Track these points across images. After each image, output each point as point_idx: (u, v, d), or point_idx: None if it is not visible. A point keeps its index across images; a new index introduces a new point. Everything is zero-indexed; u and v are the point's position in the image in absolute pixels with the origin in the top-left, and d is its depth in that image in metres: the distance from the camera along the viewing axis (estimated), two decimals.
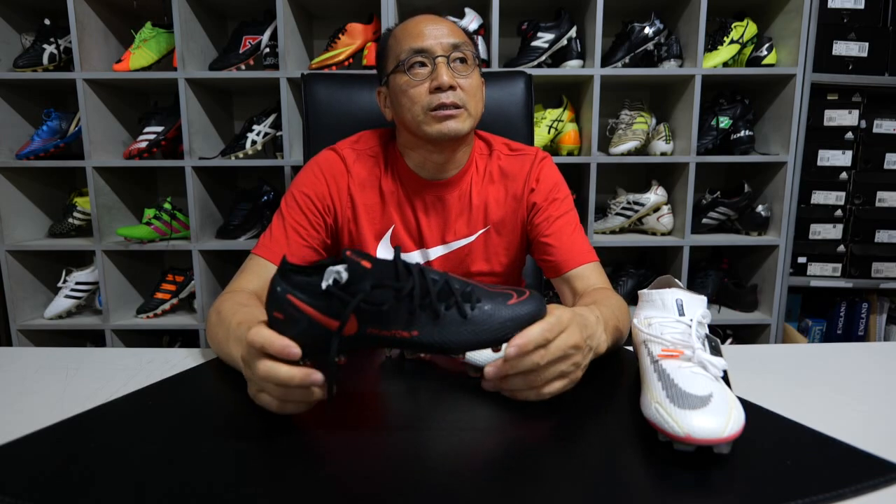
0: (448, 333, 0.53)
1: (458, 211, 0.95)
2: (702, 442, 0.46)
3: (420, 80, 0.85)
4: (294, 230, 0.89)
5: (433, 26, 0.86)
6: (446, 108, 0.84)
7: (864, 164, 1.81)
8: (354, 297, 0.50)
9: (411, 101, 0.85)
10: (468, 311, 0.54)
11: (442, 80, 0.83)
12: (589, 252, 0.92)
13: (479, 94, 0.89)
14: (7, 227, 1.79)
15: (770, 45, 1.76)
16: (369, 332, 0.52)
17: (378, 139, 0.97)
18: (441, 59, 0.84)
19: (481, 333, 0.54)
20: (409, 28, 0.87)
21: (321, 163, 0.94)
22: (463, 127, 0.85)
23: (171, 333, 2.04)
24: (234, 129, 2.04)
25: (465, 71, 0.86)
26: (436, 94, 0.84)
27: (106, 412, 0.59)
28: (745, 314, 1.88)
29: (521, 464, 0.48)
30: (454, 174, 0.94)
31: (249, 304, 0.77)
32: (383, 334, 0.52)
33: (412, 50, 0.84)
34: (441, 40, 0.85)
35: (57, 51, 1.74)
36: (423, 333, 0.53)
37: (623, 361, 0.73)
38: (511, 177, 0.95)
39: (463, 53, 0.85)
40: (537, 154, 0.97)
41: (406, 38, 0.86)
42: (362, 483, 0.45)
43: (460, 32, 0.89)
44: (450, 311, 0.53)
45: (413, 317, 0.52)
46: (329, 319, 0.50)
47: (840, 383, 0.68)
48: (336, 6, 1.85)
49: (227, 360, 0.70)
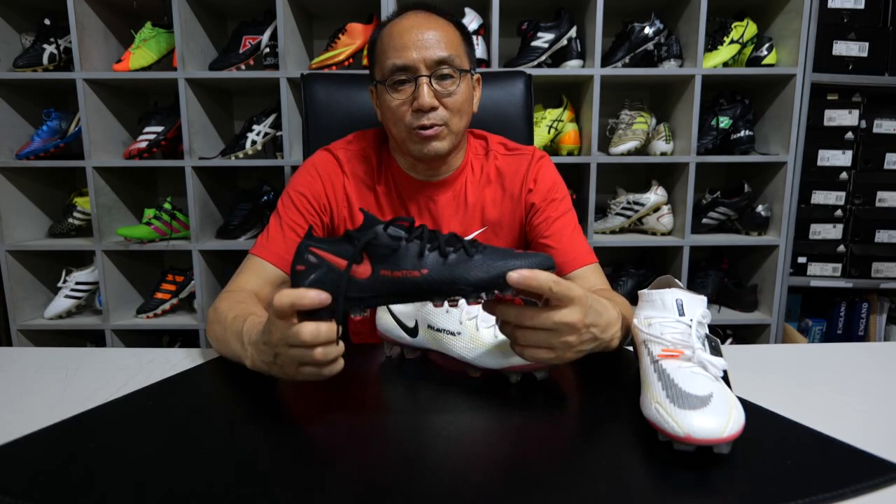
0: (458, 270, 0.54)
1: (452, 211, 0.95)
2: (702, 442, 0.46)
3: (402, 98, 0.83)
4: (291, 229, 0.89)
5: (420, 35, 0.82)
6: (427, 129, 0.83)
7: (864, 164, 1.81)
8: (367, 235, 0.54)
9: (395, 117, 0.85)
10: (474, 253, 0.55)
11: (422, 101, 0.81)
12: (588, 253, 0.92)
13: (466, 106, 0.87)
14: (7, 227, 1.79)
15: (770, 45, 1.76)
16: (382, 273, 0.54)
17: (370, 140, 0.97)
18: (423, 80, 0.81)
19: (492, 269, 0.54)
20: (396, 34, 0.83)
21: (316, 163, 0.94)
22: (444, 146, 0.86)
23: (171, 333, 2.04)
24: (234, 129, 2.04)
25: (450, 86, 0.84)
26: (417, 114, 0.83)
27: (106, 412, 0.59)
28: (745, 314, 1.88)
29: (521, 463, 0.48)
30: (448, 175, 0.94)
31: (246, 302, 0.78)
32: (395, 275, 0.54)
33: (394, 67, 0.82)
34: (425, 55, 0.81)
35: (57, 51, 1.74)
36: (433, 271, 0.54)
37: (623, 361, 0.73)
38: (508, 177, 0.95)
39: (448, 69, 0.83)
40: (535, 153, 0.96)
41: (391, 49, 0.83)
42: (362, 483, 0.45)
43: (450, 38, 0.84)
44: (457, 252, 0.55)
45: (422, 257, 0.54)
46: (344, 261, 0.54)
47: (840, 383, 0.68)
48: (336, 6, 1.85)
49: (229, 355, 0.70)
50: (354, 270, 0.54)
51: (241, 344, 0.65)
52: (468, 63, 0.88)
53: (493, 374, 0.67)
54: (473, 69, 0.90)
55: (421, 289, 0.54)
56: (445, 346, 0.68)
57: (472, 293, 0.54)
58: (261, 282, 0.85)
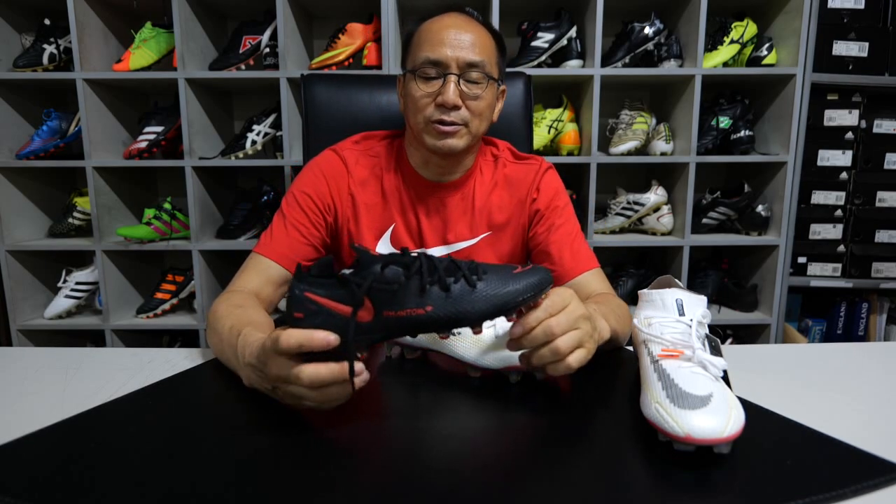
0: (462, 304, 0.54)
1: (460, 213, 0.95)
2: (702, 442, 0.46)
3: (428, 91, 0.84)
4: (295, 228, 0.89)
5: (457, 35, 0.83)
6: (446, 125, 0.84)
7: (864, 164, 1.81)
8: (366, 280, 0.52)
9: (416, 108, 0.86)
10: (476, 281, 0.55)
11: (447, 97, 0.82)
12: (589, 260, 0.93)
13: (487, 112, 0.88)
14: (7, 227, 1.79)
15: (770, 45, 1.76)
16: (385, 315, 0.53)
17: (381, 139, 0.98)
18: (452, 77, 0.83)
19: (494, 299, 0.55)
20: (434, 30, 0.85)
21: (321, 163, 0.94)
22: (459, 144, 0.86)
23: (171, 333, 2.04)
24: (234, 129, 2.04)
25: (476, 90, 0.85)
26: (440, 109, 0.84)
27: (106, 412, 0.59)
28: (745, 314, 1.88)
29: (521, 463, 0.48)
30: (458, 177, 0.94)
31: (244, 305, 0.77)
32: (399, 315, 0.54)
33: (427, 60, 0.83)
34: (459, 54, 0.83)
35: (57, 51, 1.74)
36: (437, 308, 0.54)
37: (623, 361, 0.73)
38: (516, 184, 0.96)
39: (478, 73, 0.84)
40: (542, 164, 0.98)
41: (427, 41, 0.85)
42: (363, 483, 0.45)
43: (485, 44, 0.86)
44: (458, 283, 0.55)
45: (424, 293, 0.54)
46: (346, 307, 0.52)
47: (840, 383, 0.68)
48: (336, 6, 1.85)
49: (226, 363, 0.70)
50: (357, 315, 0.53)
51: (236, 360, 0.64)
52: (497, 73, 0.89)
53: (493, 374, 0.67)
54: (501, 79, 0.91)
55: (426, 326, 0.54)
56: (446, 347, 0.68)
57: (477, 323, 0.55)
58: (263, 281, 0.85)
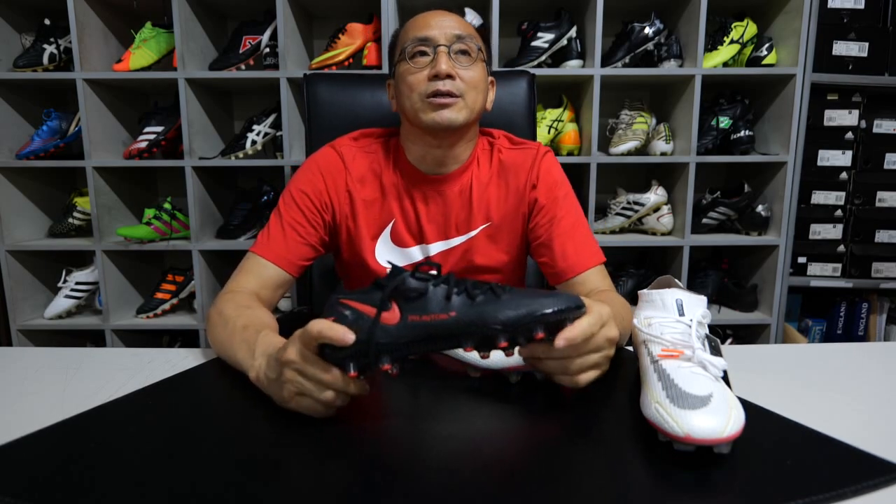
0: (487, 309, 0.54)
1: (458, 206, 0.94)
2: (702, 442, 0.46)
3: (420, 67, 0.85)
4: (292, 228, 0.89)
5: (440, 18, 0.87)
6: (442, 96, 0.84)
7: (864, 164, 1.81)
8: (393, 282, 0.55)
9: (410, 87, 0.86)
10: (501, 293, 0.56)
11: (440, 67, 0.82)
12: (592, 255, 0.91)
13: (482, 86, 0.89)
14: (7, 227, 1.79)
15: (770, 45, 1.76)
16: (410, 319, 0.54)
17: (378, 135, 0.98)
18: (442, 48, 0.84)
19: (521, 306, 0.54)
20: (418, 20, 0.88)
21: (318, 160, 0.94)
22: (458, 117, 0.85)
23: (171, 333, 2.04)
24: (234, 129, 2.04)
25: (466, 62, 0.86)
26: (433, 82, 0.84)
27: (106, 412, 0.59)
28: (745, 314, 1.88)
29: (521, 463, 0.48)
30: (455, 169, 0.93)
31: (252, 306, 0.78)
32: (423, 319, 0.54)
33: (416, 39, 0.85)
34: (445, 30, 0.85)
35: (57, 51, 1.74)
36: (461, 313, 0.54)
37: (623, 361, 0.73)
38: (513, 171, 0.95)
39: (466, 45, 0.85)
40: (539, 149, 0.96)
41: (412, 28, 0.87)
42: (363, 482, 0.45)
43: (468, 27, 0.89)
44: (484, 294, 0.56)
45: (449, 300, 0.55)
46: (372, 308, 0.54)
47: (840, 383, 0.68)
48: (336, 6, 1.85)
49: (231, 361, 0.70)
50: (383, 317, 0.54)
51: (250, 354, 0.65)
52: (485, 56, 0.91)
53: (493, 374, 0.67)
54: (489, 65, 0.93)
55: (451, 331, 0.54)
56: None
57: (501, 332, 0.54)
58: (261, 282, 0.85)
